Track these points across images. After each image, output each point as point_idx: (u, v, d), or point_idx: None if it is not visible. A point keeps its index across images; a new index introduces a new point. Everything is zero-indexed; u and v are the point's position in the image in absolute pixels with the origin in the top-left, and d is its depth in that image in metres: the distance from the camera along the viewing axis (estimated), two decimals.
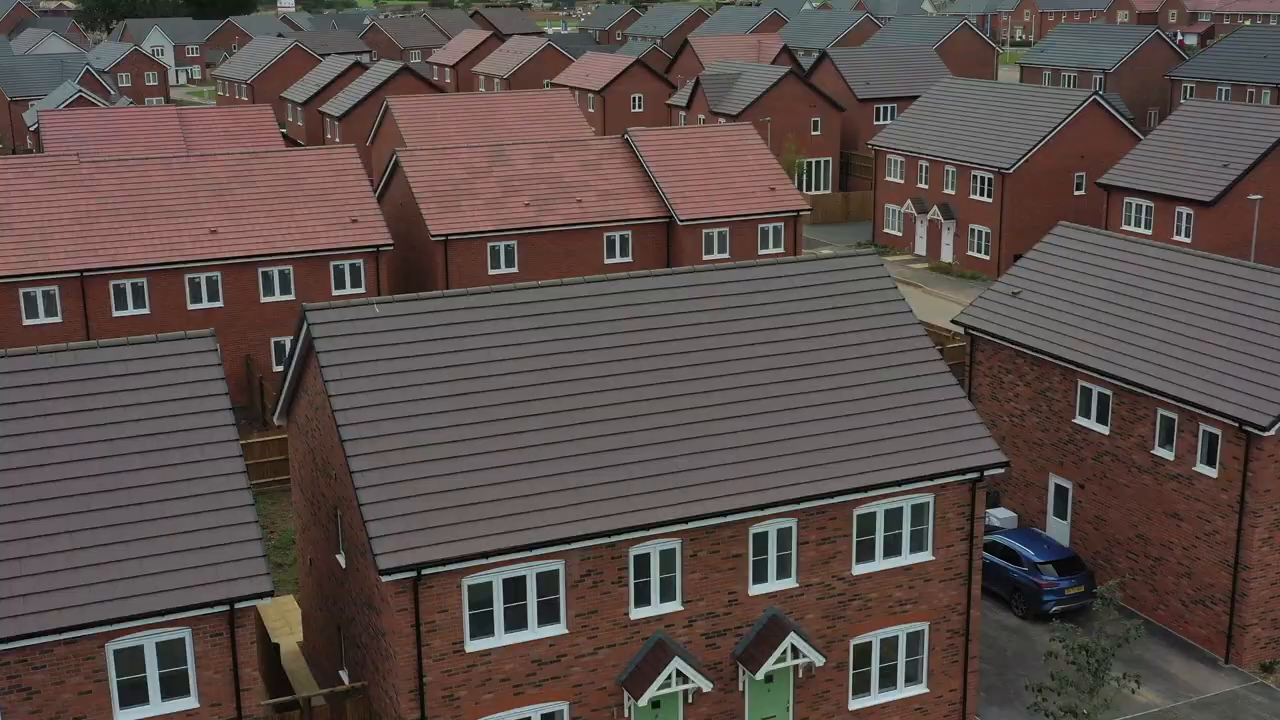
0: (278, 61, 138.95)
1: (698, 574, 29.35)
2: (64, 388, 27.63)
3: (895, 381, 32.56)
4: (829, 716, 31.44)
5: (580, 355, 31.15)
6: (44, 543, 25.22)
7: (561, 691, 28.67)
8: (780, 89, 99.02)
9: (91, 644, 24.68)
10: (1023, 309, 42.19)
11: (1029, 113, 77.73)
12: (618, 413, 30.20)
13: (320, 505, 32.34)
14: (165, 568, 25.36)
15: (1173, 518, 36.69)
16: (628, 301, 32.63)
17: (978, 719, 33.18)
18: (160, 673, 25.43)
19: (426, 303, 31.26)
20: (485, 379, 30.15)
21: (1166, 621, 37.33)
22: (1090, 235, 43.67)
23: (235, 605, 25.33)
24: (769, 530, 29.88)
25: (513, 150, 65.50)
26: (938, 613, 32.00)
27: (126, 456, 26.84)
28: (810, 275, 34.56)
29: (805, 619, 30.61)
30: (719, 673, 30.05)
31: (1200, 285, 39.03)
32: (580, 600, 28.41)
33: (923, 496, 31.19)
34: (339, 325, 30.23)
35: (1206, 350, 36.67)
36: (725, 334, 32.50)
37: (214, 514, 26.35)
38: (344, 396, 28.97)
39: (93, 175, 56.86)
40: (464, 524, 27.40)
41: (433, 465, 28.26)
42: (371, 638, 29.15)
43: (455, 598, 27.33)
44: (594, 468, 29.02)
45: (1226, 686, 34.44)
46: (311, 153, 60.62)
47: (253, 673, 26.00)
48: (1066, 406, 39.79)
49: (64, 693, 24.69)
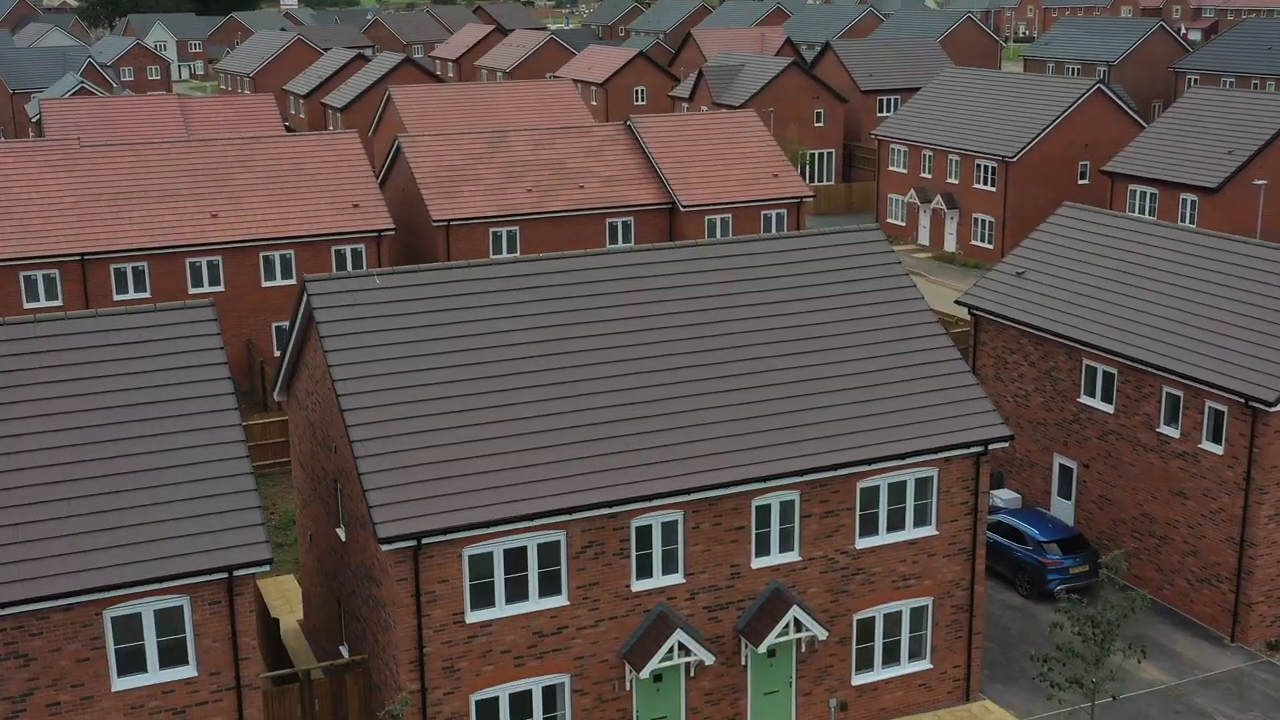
0: (280, 55, 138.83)
1: (700, 546, 29.13)
2: (63, 356, 27.44)
3: (899, 355, 32.34)
4: (832, 691, 31.21)
5: (583, 328, 30.95)
6: (41, 509, 25.04)
7: (562, 664, 28.47)
8: (783, 80, 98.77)
9: (88, 611, 24.48)
10: (1027, 289, 41.96)
11: (1033, 101, 77.49)
12: (620, 384, 30.00)
13: (320, 480, 32.15)
14: (163, 535, 25.17)
15: (1178, 496, 36.45)
16: (630, 275, 32.43)
17: (982, 695, 32.97)
18: (158, 641, 25.24)
19: (427, 274, 31.06)
20: (487, 350, 29.95)
21: (1172, 600, 37.10)
22: (1095, 215, 43.44)
23: (234, 573, 25.12)
24: (772, 503, 29.66)
25: (515, 136, 65.30)
26: (941, 588, 31.78)
27: (125, 425, 26.65)
28: (813, 250, 34.34)
29: (808, 593, 30.39)
30: (721, 646, 29.83)
31: (1205, 263, 38.80)
32: (581, 572, 28.20)
33: (926, 470, 30.97)
34: (339, 296, 30.03)
35: (1212, 327, 36.44)
36: (728, 307, 32.29)
37: (213, 482, 26.15)
38: (344, 367, 28.78)
39: (93, 159, 56.68)
40: (464, 494, 27.20)
41: (433, 435, 28.07)
42: (371, 610, 28.94)
43: (456, 568, 27.13)
44: (595, 439, 28.82)
45: (1232, 665, 34.20)
46: (313, 138, 60.43)
47: (251, 641, 25.80)
48: (1071, 386, 39.56)
49: (61, 660, 24.50)
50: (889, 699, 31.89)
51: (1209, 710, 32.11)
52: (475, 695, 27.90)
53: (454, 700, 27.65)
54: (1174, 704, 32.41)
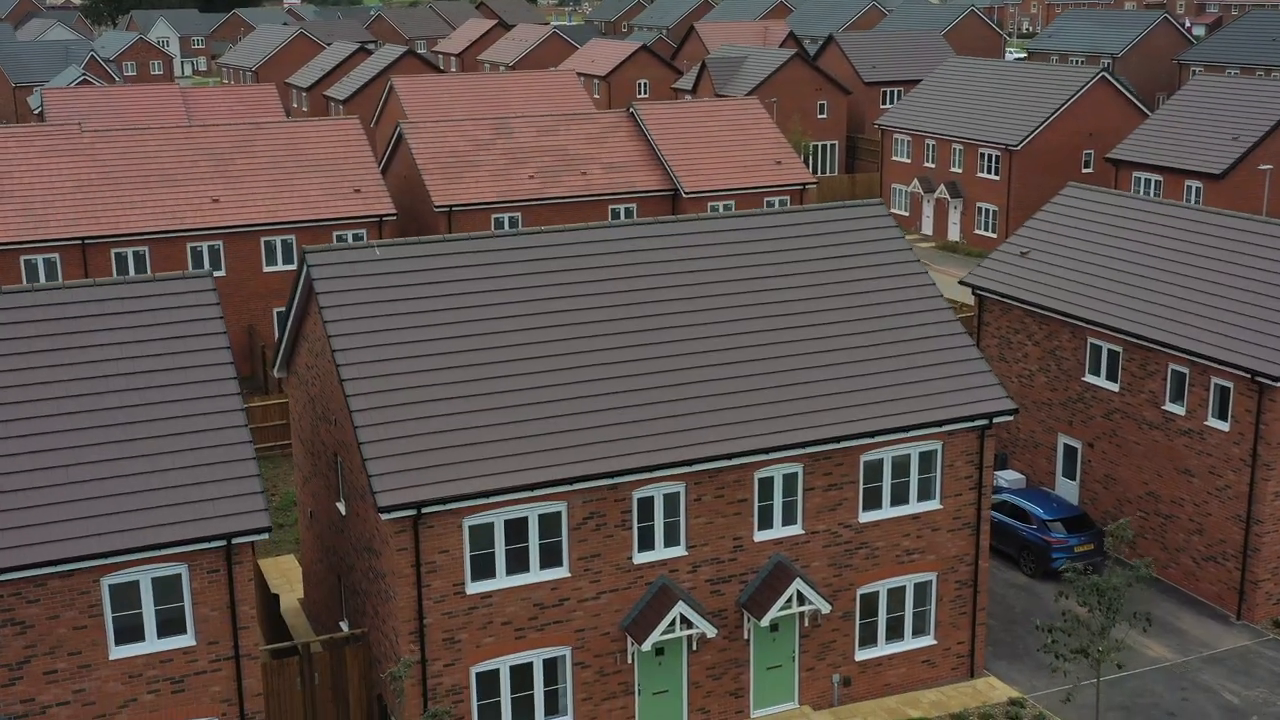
0: (283, 49, 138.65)
1: (702, 518, 28.92)
2: (62, 325, 27.27)
3: (903, 329, 32.12)
4: (835, 667, 30.99)
5: (584, 300, 30.75)
6: (38, 476, 24.85)
7: (563, 636, 28.26)
8: (786, 72, 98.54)
9: (86, 578, 24.29)
10: (1032, 268, 41.74)
11: (1037, 90, 77.24)
12: (622, 356, 29.80)
13: (320, 454, 31.95)
14: (162, 502, 24.98)
15: (1184, 474, 36.22)
16: (633, 247, 32.23)
17: (986, 672, 32.74)
18: (156, 609, 25.04)
19: (427, 246, 30.87)
20: (487, 321, 29.75)
21: (1177, 579, 36.85)
22: (1099, 194, 43.21)
23: (232, 541, 24.92)
24: (774, 475, 29.45)
25: (517, 123, 65.11)
26: (945, 563, 31.56)
27: (124, 393, 26.47)
28: (816, 224, 34.14)
29: (811, 567, 30.17)
30: (723, 620, 29.62)
31: (1210, 240, 38.57)
32: (582, 543, 27.99)
33: (930, 444, 30.75)
34: (339, 267, 29.84)
35: (1217, 304, 36.21)
36: (731, 280, 32.08)
37: (211, 450, 25.96)
38: (343, 337, 28.58)
39: (94, 144, 56.53)
40: (465, 463, 27.00)
41: (433, 405, 27.87)
42: (371, 582, 28.75)
43: (456, 538, 26.92)
44: (597, 409, 28.62)
45: (1239, 642, 33.96)
46: (314, 123, 60.26)
47: (250, 611, 25.60)
48: (1076, 365, 39.34)
49: (58, 627, 24.31)
50: (892, 675, 31.67)
51: (1215, 686, 31.88)
52: (476, 667, 27.69)
53: (454, 672, 27.45)
54: (1180, 680, 32.17)
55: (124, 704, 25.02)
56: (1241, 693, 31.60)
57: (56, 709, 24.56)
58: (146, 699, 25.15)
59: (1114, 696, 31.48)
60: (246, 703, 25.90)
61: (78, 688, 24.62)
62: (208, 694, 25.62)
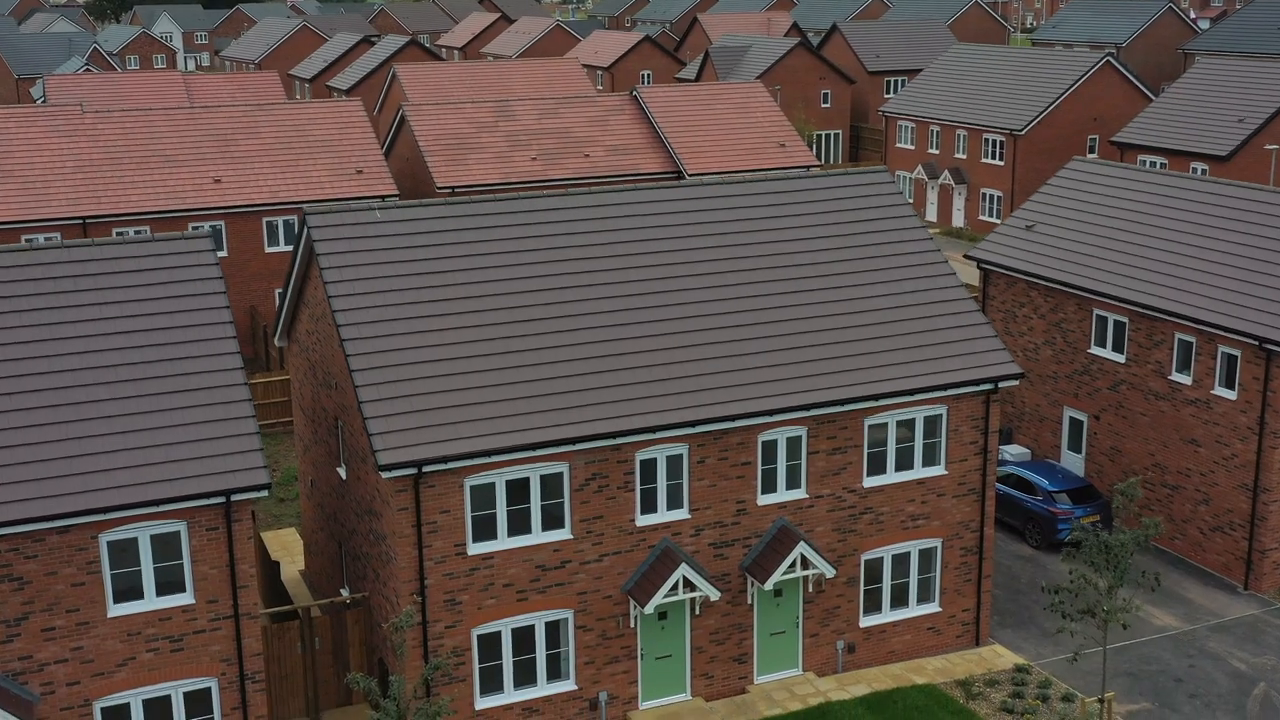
0: (285, 41, 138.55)
1: (705, 481, 28.69)
2: (61, 283, 27.09)
3: (908, 294, 31.90)
4: (839, 634, 30.77)
5: (588, 263, 30.54)
6: (37, 432, 24.67)
7: (566, 599, 28.03)
8: (790, 60, 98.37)
9: (84, 534, 24.09)
10: (1037, 241, 41.50)
11: (1041, 75, 76.98)
12: (625, 319, 29.59)
13: (321, 421, 31.75)
14: (160, 459, 24.78)
15: (1190, 444, 35.97)
16: (638, 212, 32.03)
17: (992, 640, 32.49)
18: (155, 566, 24.83)
19: (428, 208, 30.67)
20: (490, 283, 29.55)
21: (1184, 551, 36.61)
22: (1103, 167, 42.97)
23: (231, 498, 24.71)
24: (778, 438, 29.22)
25: (519, 106, 64.93)
26: (950, 529, 31.32)
27: (123, 351, 26.28)
28: (821, 190, 33.92)
29: (815, 532, 29.94)
30: (727, 584, 29.40)
31: (1215, 210, 38.33)
32: (585, 505, 27.77)
33: (935, 408, 30.52)
34: (339, 229, 29.64)
35: (1224, 273, 35.96)
36: (736, 245, 31.87)
37: (211, 408, 25.76)
38: (344, 298, 28.38)
39: (96, 125, 56.37)
40: (466, 423, 26.79)
41: (435, 365, 27.67)
42: (372, 545, 28.54)
43: (457, 498, 26.71)
44: (599, 371, 28.40)
45: (1246, 611, 33.71)
46: (317, 105, 60.08)
47: (249, 569, 25.40)
48: (1081, 337, 39.09)
49: (56, 584, 24.11)
50: (897, 642, 31.43)
51: (1222, 654, 31.63)
52: (477, 629, 27.47)
53: (455, 634, 27.23)
54: (1187, 648, 31.92)
55: (123, 662, 24.81)
56: (1250, 659, 31.35)
57: (55, 666, 24.36)
58: (145, 657, 24.95)
59: (1120, 663, 31.24)
60: (246, 663, 25.69)
61: (76, 645, 24.41)
62: (207, 653, 25.41)
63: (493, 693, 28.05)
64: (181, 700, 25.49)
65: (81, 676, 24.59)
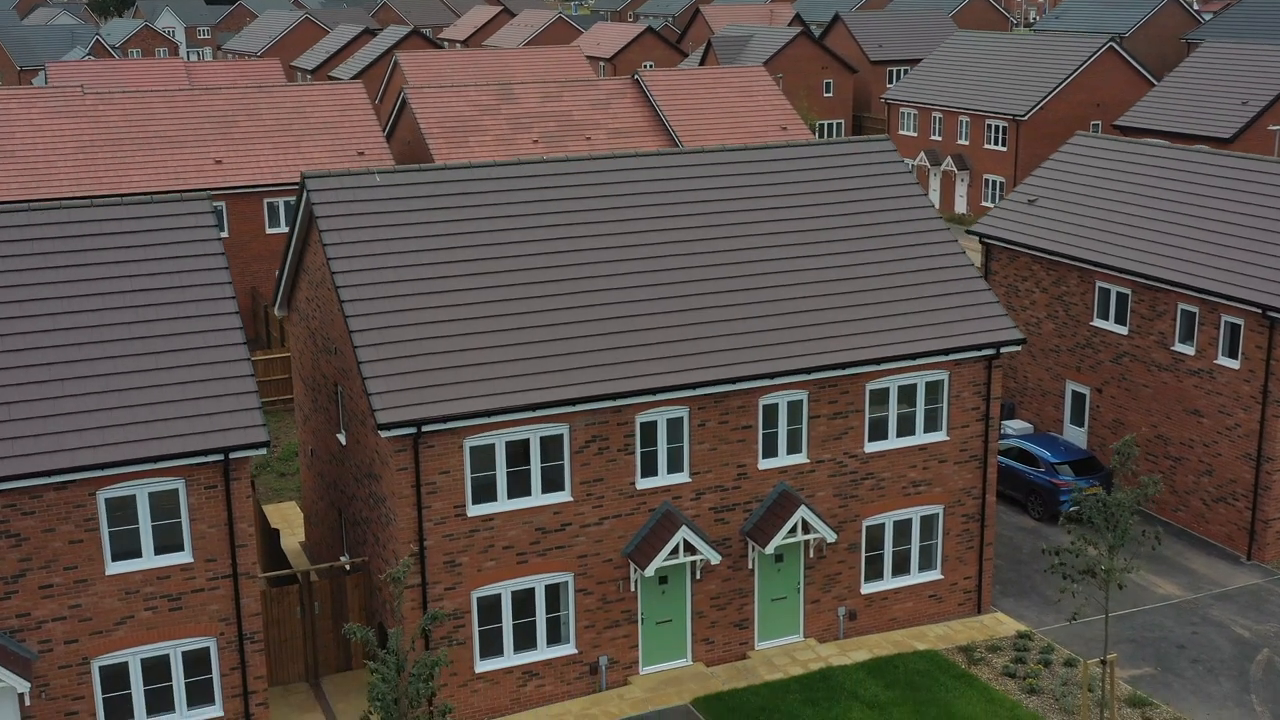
0: (288, 34, 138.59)
1: (706, 445, 28.58)
2: (60, 244, 27.00)
3: (909, 260, 31.78)
4: (840, 600, 30.65)
5: (589, 227, 30.44)
6: (36, 389, 24.58)
7: (566, 562, 27.93)
8: (792, 50, 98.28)
9: (82, 490, 24.00)
10: (1040, 215, 41.37)
11: (1044, 60, 76.83)
12: (626, 282, 29.48)
13: (321, 388, 31.66)
14: (159, 416, 24.68)
15: (1193, 415, 35.83)
16: (639, 177, 31.91)
17: (994, 609, 32.37)
18: (153, 525, 24.74)
19: (428, 174, 30.57)
20: (491, 246, 29.45)
21: (1186, 523, 36.47)
22: (1106, 142, 42.85)
23: (230, 455, 24.62)
24: (779, 402, 29.11)
25: (521, 89, 64.83)
26: (952, 495, 31.20)
27: (122, 310, 26.20)
28: (824, 157, 33.81)
29: (816, 497, 29.83)
30: (727, 549, 29.28)
31: (1217, 182, 38.20)
32: (585, 467, 27.67)
33: (937, 373, 30.40)
34: (339, 193, 29.54)
35: (1227, 242, 35.83)
36: (739, 210, 31.76)
37: (209, 366, 25.68)
38: (343, 260, 28.29)
39: (97, 106, 56.32)
40: (466, 383, 26.69)
41: (435, 327, 27.57)
42: (371, 509, 28.44)
43: (457, 459, 26.61)
44: (601, 334, 28.30)
45: (1249, 580, 33.58)
46: (317, 88, 60.01)
47: (248, 528, 25.30)
48: (1084, 309, 38.95)
49: (54, 540, 24.01)
50: (899, 609, 31.31)
51: (1225, 621, 31.50)
52: (477, 592, 27.37)
53: (455, 596, 27.13)
54: (1190, 616, 31.80)
55: (121, 621, 24.72)
56: (1253, 627, 31.22)
57: (53, 624, 24.27)
58: (144, 616, 24.86)
59: (1123, 630, 31.11)
60: (245, 622, 25.60)
61: (74, 603, 24.32)
62: (206, 612, 25.32)
63: (492, 656, 27.95)
64: (180, 659, 25.40)
65: (80, 634, 24.50)
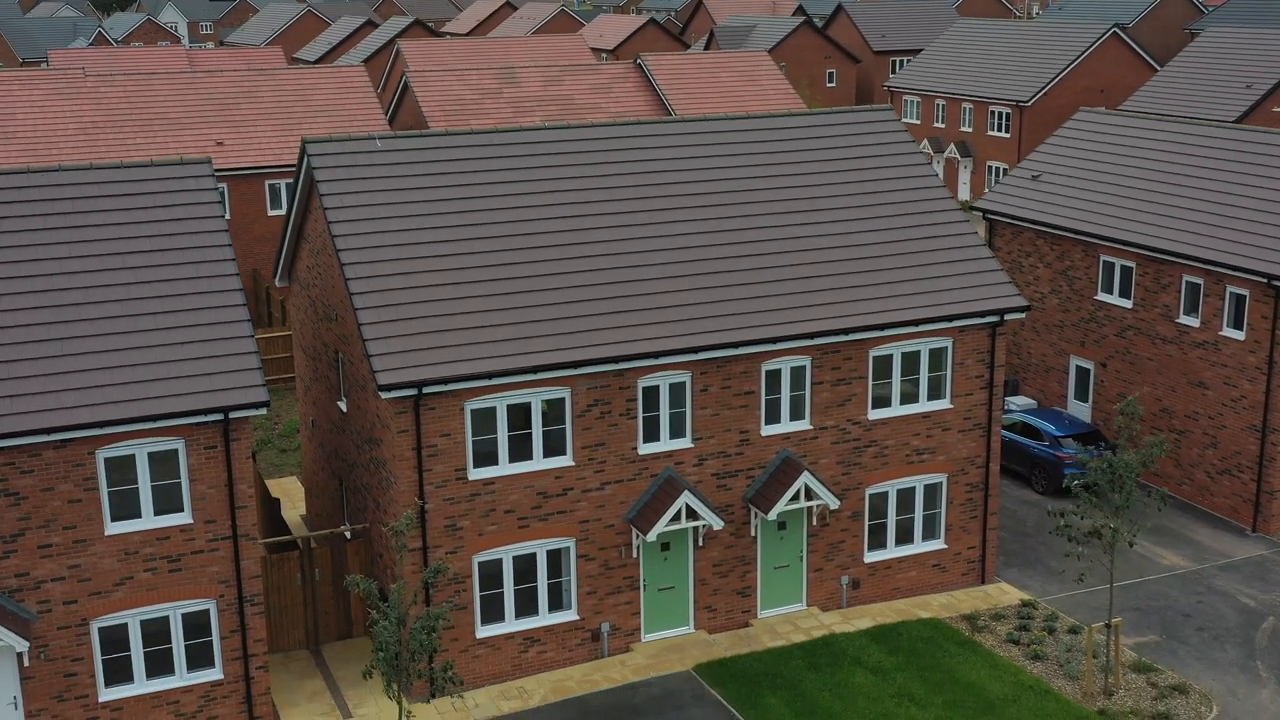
0: (290, 27, 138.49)
1: (708, 410, 28.43)
2: (59, 205, 26.88)
3: (913, 228, 31.63)
4: (844, 569, 30.49)
5: (593, 193, 30.29)
6: (35, 348, 24.45)
7: (567, 527, 27.78)
8: (795, 39, 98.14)
9: (81, 449, 23.86)
10: (1043, 190, 41.21)
11: (1047, 47, 76.66)
12: (630, 248, 29.33)
13: (321, 357, 31.53)
14: (158, 375, 24.55)
15: (1198, 387, 35.66)
16: (643, 144, 31.76)
17: (998, 579, 32.21)
18: (153, 485, 24.59)
19: (430, 139, 30.43)
20: (493, 212, 29.30)
21: (1191, 496, 36.30)
22: (1110, 117, 42.68)
23: (230, 415, 24.48)
24: (782, 367, 28.95)
25: (523, 73, 64.69)
26: (956, 464, 31.04)
27: (122, 271, 26.07)
28: (827, 126, 33.66)
29: (819, 464, 29.67)
30: (730, 516, 29.13)
31: (1221, 154, 38.03)
32: (586, 431, 27.52)
33: (941, 340, 30.24)
34: (340, 158, 29.41)
35: (1231, 214, 35.67)
36: (743, 177, 31.61)
37: (209, 327, 25.53)
38: (344, 224, 28.15)
39: (98, 88, 56.20)
40: (467, 345, 26.56)
41: (436, 290, 27.43)
42: (372, 474, 28.30)
43: (458, 422, 26.46)
44: (603, 298, 28.15)
45: (1254, 552, 33.41)
46: (319, 71, 59.87)
47: (248, 489, 25.16)
48: (1088, 284, 38.79)
49: (53, 500, 23.87)
50: (902, 579, 31.15)
51: (1231, 591, 31.34)
52: (478, 556, 27.22)
53: (456, 560, 26.99)
54: (1195, 585, 31.63)
55: (120, 581, 24.58)
56: (1258, 596, 31.05)
57: (51, 584, 24.13)
58: (143, 577, 24.72)
59: (1128, 599, 30.95)
60: (245, 585, 25.46)
61: (73, 563, 24.18)
62: (205, 574, 25.17)
63: (494, 621, 27.81)
64: (180, 621, 25.26)
65: (79, 595, 24.36)
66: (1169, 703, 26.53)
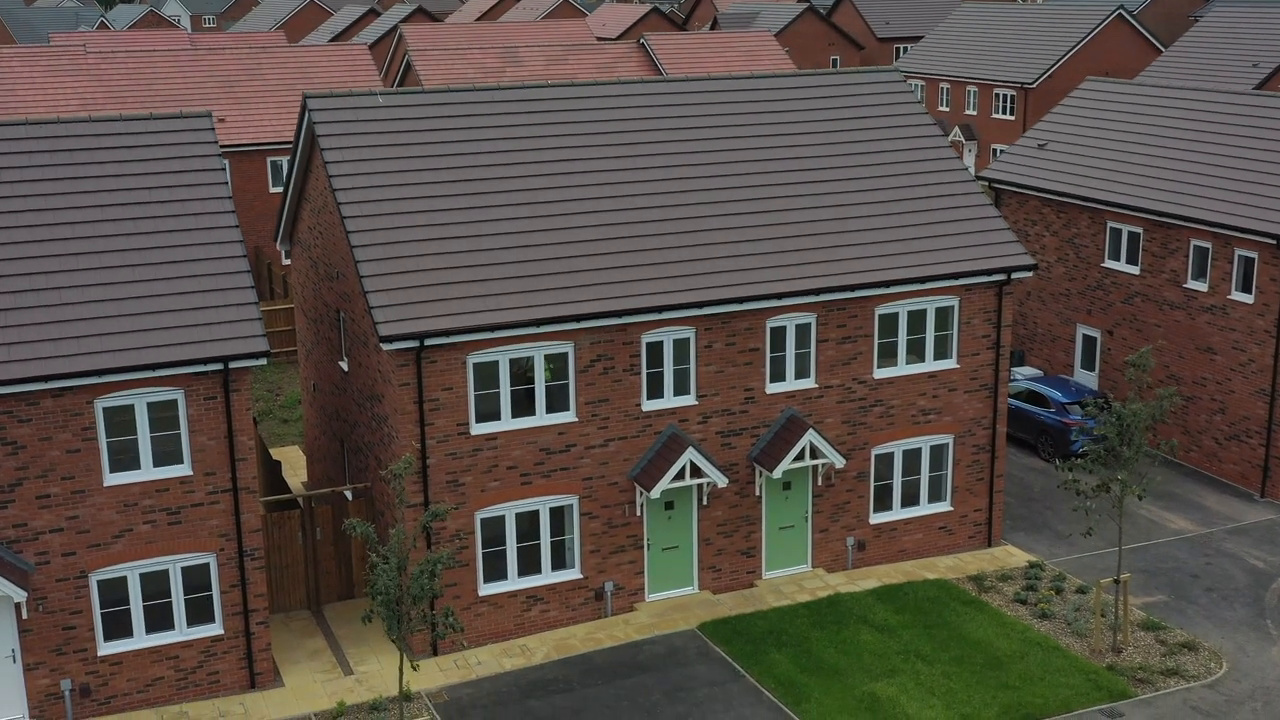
0: (293, 17, 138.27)
1: (712, 367, 28.17)
2: (59, 156, 26.65)
3: (920, 186, 31.38)
4: (849, 530, 30.24)
5: (597, 150, 30.03)
6: (34, 297, 24.22)
7: (570, 484, 27.53)
8: (799, 26, 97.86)
9: (79, 399, 23.62)
10: (1050, 159, 40.93)
11: (1052, 29, 76.36)
12: (634, 204, 29.08)
13: (323, 318, 31.29)
14: (158, 325, 24.31)
15: (1206, 352, 35.38)
16: (648, 102, 31.50)
17: (1004, 542, 31.95)
18: (151, 435, 24.36)
19: (432, 95, 30.18)
20: (496, 168, 29.05)
21: (1199, 463, 36.02)
22: (1116, 85, 42.41)
23: (229, 365, 24.24)
24: (787, 324, 28.69)
25: (527, 53, 64.45)
26: (962, 425, 30.77)
27: (122, 221, 25.85)
28: (833, 86, 33.40)
29: (825, 423, 29.40)
30: (735, 475, 28.87)
31: (1227, 118, 37.74)
32: (590, 387, 27.26)
33: (947, 299, 29.97)
34: (341, 113, 29.17)
35: (1239, 177, 35.38)
36: (749, 135, 31.35)
37: (209, 278, 25.30)
38: (345, 177, 27.91)
39: (99, 65, 55.97)
40: (469, 299, 26.31)
41: (438, 244, 27.19)
42: (373, 431, 28.06)
43: (460, 375, 26.22)
44: (607, 253, 27.90)
45: (1263, 516, 33.12)
46: (321, 49, 59.64)
47: (248, 441, 24.92)
48: (1095, 251, 38.51)
49: (51, 449, 23.64)
50: (908, 541, 30.89)
51: (1239, 553, 31.06)
52: (480, 513, 26.98)
53: (458, 517, 26.75)
54: (1204, 548, 31.35)
55: (119, 534, 24.34)
56: (1266, 558, 30.77)
57: (50, 535, 23.90)
58: (142, 529, 24.49)
59: (1136, 561, 30.68)
60: (245, 539, 25.22)
61: (71, 514, 23.95)
62: (205, 527, 24.94)
63: (496, 579, 27.57)
64: (179, 575, 25.03)
65: (77, 547, 24.12)
66: (1178, 659, 26.27)
